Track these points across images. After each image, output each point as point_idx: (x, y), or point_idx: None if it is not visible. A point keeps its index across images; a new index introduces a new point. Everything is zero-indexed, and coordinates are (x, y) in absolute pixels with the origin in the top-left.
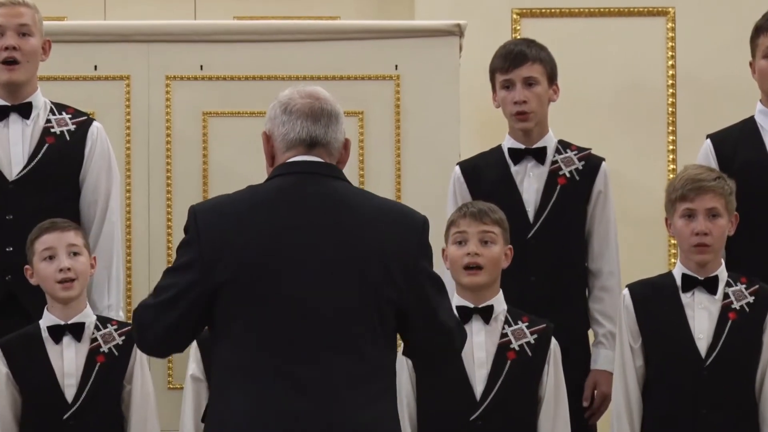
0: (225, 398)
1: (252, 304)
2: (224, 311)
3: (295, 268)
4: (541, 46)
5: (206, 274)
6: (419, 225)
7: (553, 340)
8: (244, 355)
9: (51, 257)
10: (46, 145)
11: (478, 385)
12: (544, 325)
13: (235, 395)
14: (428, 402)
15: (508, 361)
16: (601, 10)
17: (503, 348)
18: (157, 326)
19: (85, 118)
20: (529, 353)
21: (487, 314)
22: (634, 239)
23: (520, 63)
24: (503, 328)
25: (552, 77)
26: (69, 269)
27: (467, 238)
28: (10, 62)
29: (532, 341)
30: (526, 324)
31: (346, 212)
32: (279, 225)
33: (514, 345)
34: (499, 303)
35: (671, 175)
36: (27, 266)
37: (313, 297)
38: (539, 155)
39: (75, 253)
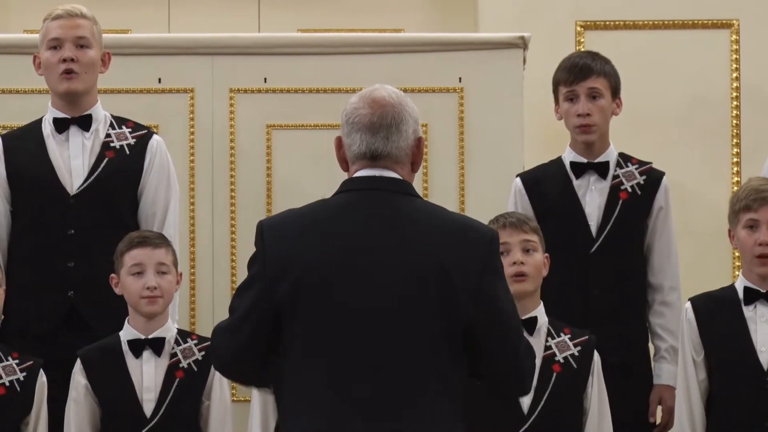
0: (294, 419)
1: (311, 324)
2: (287, 331)
3: (355, 289)
4: (605, 59)
5: (270, 291)
6: (486, 240)
7: (595, 352)
8: (307, 375)
9: (139, 273)
10: (106, 159)
11: (525, 399)
12: (587, 337)
13: (302, 416)
14: (475, 416)
15: (554, 374)
16: (665, 22)
17: (548, 361)
18: (231, 346)
19: (145, 131)
20: (574, 365)
21: (530, 326)
22: (698, 252)
23: (584, 76)
24: (546, 341)
25: (616, 91)
26: (155, 288)
27: (509, 249)
28: (68, 72)
29: (576, 353)
30: (569, 336)
31: (409, 230)
32: (341, 245)
33: (559, 357)
34: (542, 315)
35: (735, 188)
36: (113, 275)
37: (373, 317)
38: (601, 169)
39: (163, 272)
